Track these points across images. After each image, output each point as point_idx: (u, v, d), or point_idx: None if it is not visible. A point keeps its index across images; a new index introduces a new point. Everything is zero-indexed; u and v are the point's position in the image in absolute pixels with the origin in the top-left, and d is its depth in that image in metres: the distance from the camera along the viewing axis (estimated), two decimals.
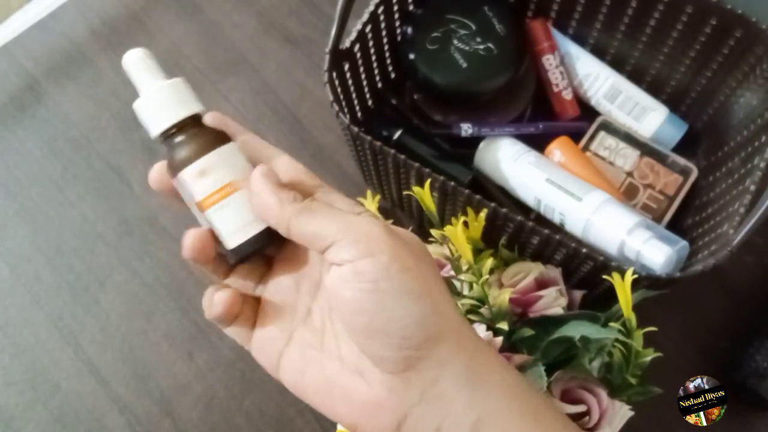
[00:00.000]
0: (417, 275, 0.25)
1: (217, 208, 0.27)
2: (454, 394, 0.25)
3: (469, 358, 0.25)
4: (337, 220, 0.25)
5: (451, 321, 0.25)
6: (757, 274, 0.56)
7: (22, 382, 0.54)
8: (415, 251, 0.26)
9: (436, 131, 0.55)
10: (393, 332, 0.24)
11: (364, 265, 0.24)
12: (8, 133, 0.63)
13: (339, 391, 0.26)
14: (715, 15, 0.50)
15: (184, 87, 0.28)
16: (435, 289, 0.25)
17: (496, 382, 0.25)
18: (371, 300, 0.24)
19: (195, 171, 0.27)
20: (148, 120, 0.28)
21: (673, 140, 0.57)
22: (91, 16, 0.68)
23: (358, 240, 0.24)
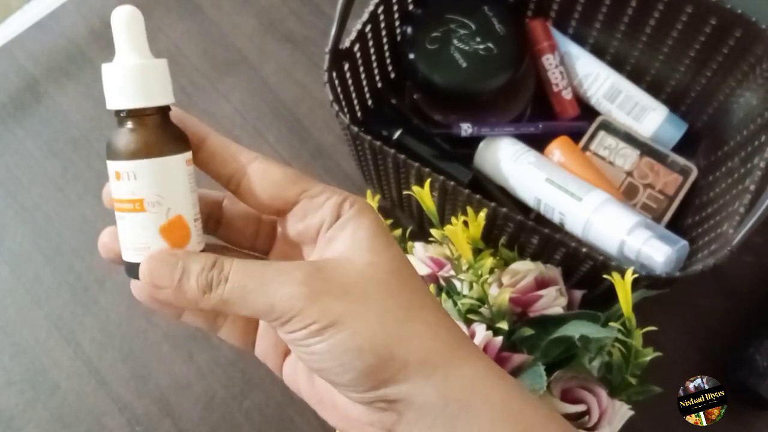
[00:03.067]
0: (355, 329, 0.23)
1: (119, 216, 0.25)
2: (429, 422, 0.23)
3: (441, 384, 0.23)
4: (257, 308, 0.23)
5: (409, 355, 0.23)
6: (756, 274, 0.56)
7: (22, 381, 0.54)
8: (354, 295, 0.24)
9: (436, 131, 0.55)
10: (342, 383, 0.24)
11: (296, 337, 0.23)
12: (8, 133, 0.63)
13: (328, 403, 0.26)
14: (714, 15, 0.50)
15: (161, 72, 0.25)
16: (379, 334, 0.23)
17: (479, 404, 0.24)
18: (312, 360, 0.24)
19: (114, 169, 0.24)
20: (107, 89, 0.24)
21: (672, 140, 0.57)
22: (91, 16, 0.68)
23: (286, 320, 0.23)
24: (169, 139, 0.25)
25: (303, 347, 0.24)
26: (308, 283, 0.24)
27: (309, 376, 0.27)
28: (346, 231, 0.25)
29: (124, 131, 0.24)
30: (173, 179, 0.24)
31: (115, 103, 0.24)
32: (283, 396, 0.53)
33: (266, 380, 0.53)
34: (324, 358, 0.23)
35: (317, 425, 0.52)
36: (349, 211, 0.25)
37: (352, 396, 0.24)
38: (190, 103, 0.64)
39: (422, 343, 0.24)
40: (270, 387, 0.53)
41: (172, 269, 0.24)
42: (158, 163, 0.24)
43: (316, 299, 0.23)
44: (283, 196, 0.26)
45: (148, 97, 0.24)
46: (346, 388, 0.24)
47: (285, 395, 0.53)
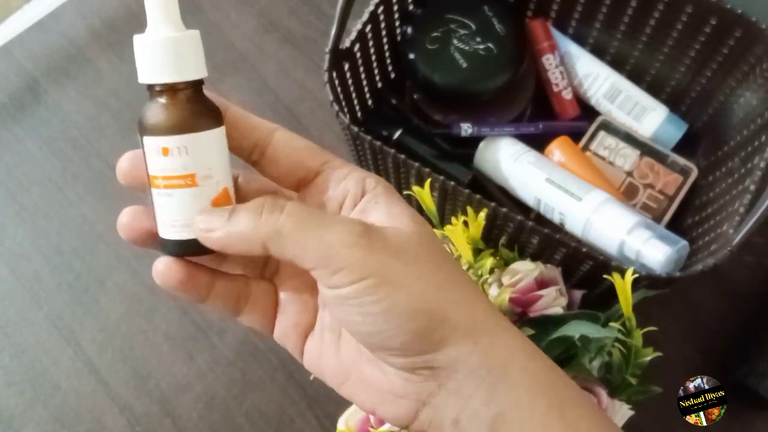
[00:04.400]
0: (409, 289, 0.23)
1: (165, 194, 0.24)
2: (471, 390, 0.23)
3: (485, 351, 0.23)
4: (311, 247, 0.23)
5: (456, 320, 0.23)
6: (757, 274, 0.56)
7: (22, 381, 0.54)
8: (409, 256, 0.24)
9: (436, 131, 0.55)
10: (392, 347, 0.23)
11: (349, 291, 0.23)
12: (8, 133, 0.63)
13: (356, 377, 0.26)
14: (714, 15, 0.50)
15: (196, 45, 0.24)
16: (432, 296, 0.23)
17: (518, 374, 0.24)
18: (363, 323, 0.23)
19: (160, 145, 0.23)
20: (140, 62, 0.24)
21: (672, 140, 0.57)
22: (91, 16, 0.68)
23: (337, 269, 0.23)
24: (213, 111, 0.24)
25: (354, 306, 0.23)
26: (366, 235, 0.23)
27: (337, 351, 0.26)
28: (380, 205, 0.25)
29: (166, 104, 0.24)
30: (219, 151, 0.24)
31: (150, 75, 0.24)
32: (283, 396, 0.53)
33: (266, 380, 0.53)
34: (377, 320, 0.23)
35: (317, 425, 0.52)
36: (376, 188, 0.25)
37: (397, 362, 0.24)
38: None
39: (470, 310, 0.24)
40: (270, 387, 0.53)
41: (223, 211, 0.24)
42: (209, 135, 0.24)
43: (374, 253, 0.23)
44: (306, 164, 0.26)
45: (199, 68, 0.24)
46: (394, 353, 0.23)
47: (285, 395, 0.53)
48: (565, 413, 0.24)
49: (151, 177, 0.24)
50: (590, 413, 0.25)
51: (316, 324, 0.27)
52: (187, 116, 0.23)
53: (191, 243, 0.24)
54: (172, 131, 0.23)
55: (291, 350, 0.28)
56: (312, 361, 0.27)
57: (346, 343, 0.26)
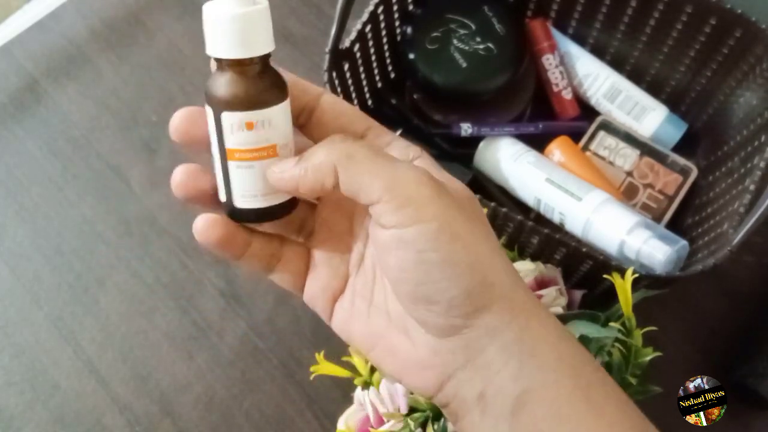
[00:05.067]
0: (467, 243, 0.22)
1: (245, 165, 0.24)
2: (500, 364, 0.23)
3: (520, 327, 0.23)
4: (382, 176, 0.22)
5: (502, 289, 0.23)
6: (756, 274, 0.56)
7: (21, 382, 0.54)
8: (467, 213, 0.23)
9: (436, 131, 0.55)
10: (439, 301, 0.23)
11: (410, 233, 0.22)
12: (8, 133, 0.63)
13: (384, 345, 0.26)
14: (714, 15, 0.50)
15: (267, 19, 0.25)
16: (486, 257, 0.23)
17: (548, 354, 0.23)
18: (416, 270, 0.23)
19: (242, 120, 0.24)
20: (211, 37, 0.25)
21: (672, 140, 0.57)
22: (91, 16, 0.68)
23: (404, 204, 0.22)
24: (283, 82, 0.25)
25: (411, 251, 0.22)
26: (433, 182, 0.23)
27: (367, 318, 0.26)
28: (431, 170, 0.25)
29: (241, 80, 0.24)
30: (290, 121, 0.25)
31: (223, 50, 0.24)
32: (283, 396, 0.53)
33: (266, 380, 0.53)
34: (432, 269, 0.22)
35: (317, 425, 0.52)
36: (422, 155, 0.25)
37: (437, 322, 0.23)
38: (191, 102, 0.63)
39: (513, 282, 0.24)
40: (270, 387, 0.53)
41: (293, 159, 0.24)
42: (285, 107, 0.24)
43: (441, 196, 0.23)
44: (351, 127, 0.26)
45: (259, 45, 0.24)
46: (437, 309, 0.23)
47: (285, 395, 0.53)
48: (591, 395, 0.23)
49: (228, 150, 0.24)
50: (615, 397, 0.24)
51: (347, 290, 0.27)
52: (267, 89, 0.24)
53: (269, 210, 0.25)
54: (255, 106, 0.24)
55: (320, 312, 0.28)
56: (341, 324, 0.27)
57: (376, 311, 0.26)
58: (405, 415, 0.42)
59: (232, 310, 0.56)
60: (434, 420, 0.42)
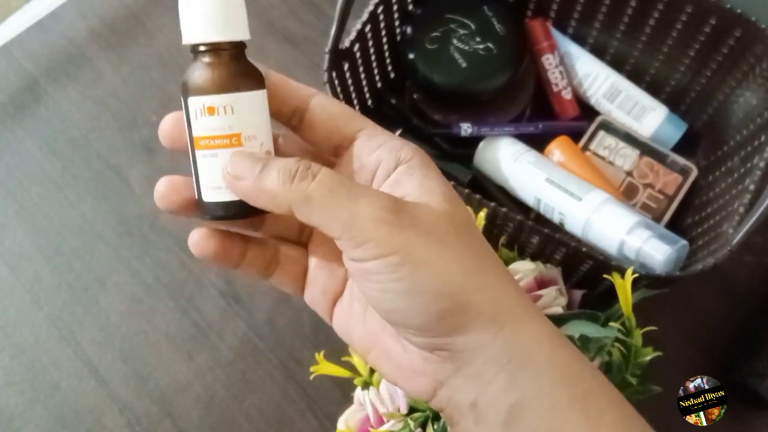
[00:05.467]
0: (435, 270, 0.22)
1: (209, 154, 0.24)
2: (490, 375, 0.23)
3: (509, 338, 0.23)
4: (338, 217, 0.22)
5: (483, 305, 0.23)
6: (756, 274, 0.56)
7: (21, 382, 0.54)
8: (436, 236, 0.23)
9: (436, 131, 0.55)
10: (411, 326, 0.23)
11: (371, 266, 0.22)
12: (8, 133, 0.63)
13: (380, 350, 0.26)
14: (714, 14, 0.50)
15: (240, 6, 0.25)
16: (458, 279, 0.23)
17: (542, 363, 0.23)
18: (384, 299, 0.23)
19: (205, 104, 0.23)
20: (184, 23, 0.24)
21: (672, 140, 0.57)
22: (91, 16, 0.68)
23: (363, 242, 0.22)
24: (256, 73, 0.24)
25: (376, 283, 0.23)
26: (395, 211, 0.23)
27: (363, 321, 0.26)
28: (415, 177, 0.25)
29: (210, 63, 0.24)
30: (262, 114, 0.24)
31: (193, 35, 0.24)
32: (283, 396, 0.53)
33: (266, 380, 0.53)
34: (398, 297, 0.23)
35: (317, 425, 0.52)
36: (412, 159, 0.25)
37: (416, 341, 0.24)
38: None
39: (495, 296, 0.23)
40: (270, 387, 0.53)
41: (254, 161, 0.24)
42: (254, 97, 0.24)
43: (400, 230, 0.22)
44: (341, 131, 0.26)
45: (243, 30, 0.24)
46: (414, 332, 0.23)
47: (285, 395, 0.53)
48: (588, 405, 0.23)
49: (194, 139, 0.24)
50: (615, 406, 0.24)
51: (345, 292, 0.27)
52: (233, 75, 0.24)
53: (234, 204, 0.24)
54: (218, 90, 0.23)
55: (321, 314, 0.28)
56: (340, 326, 0.27)
57: (371, 315, 0.26)
58: (405, 415, 0.42)
59: (232, 310, 0.56)
60: (434, 420, 0.42)
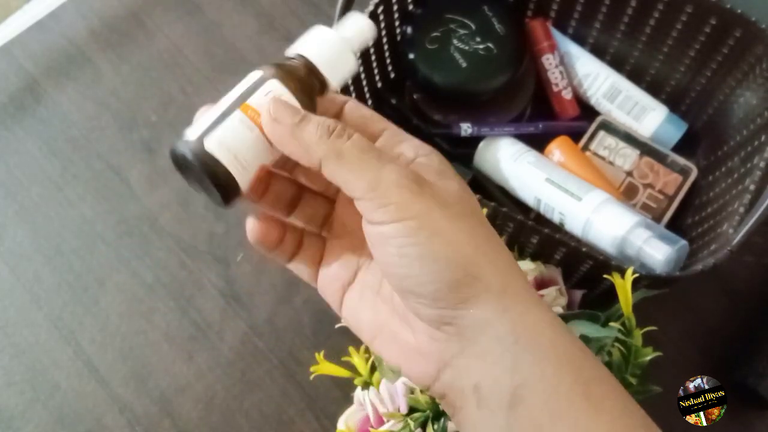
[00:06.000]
0: (449, 239, 0.24)
1: (246, 122, 0.25)
2: (495, 356, 0.23)
3: (515, 319, 0.24)
4: (365, 176, 0.24)
5: (492, 281, 0.24)
6: (756, 274, 0.56)
7: (22, 382, 0.54)
8: (454, 211, 0.24)
9: (436, 131, 0.55)
10: (423, 294, 0.24)
11: (390, 229, 0.24)
12: (8, 133, 0.63)
13: (387, 334, 0.27)
14: (714, 15, 0.50)
15: (352, 61, 0.29)
16: (470, 252, 0.24)
17: (546, 348, 0.24)
18: (399, 264, 0.24)
19: (278, 94, 0.26)
20: (313, 44, 0.28)
21: (672, 140, 0.57)
22: (91, 16, 0.68)
23: (384, 204, 0.24)
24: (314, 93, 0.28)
25: (393, 247, 0.24)
26: (418, 181, 0.24)
27: (373, 307, 0.28)
28: (433, 168, 0.26)
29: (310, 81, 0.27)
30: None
31: (332, 71, 0.28)
32: (283, 396, 0.53)
33: (266, 380, 0.53)
34: (413, 263, 0.24)
35: (317, 425, 0.52)
36: (430, 154, 0.26)
37: (426, 313, 0.24)
38: (190, 103, 0.64)
39: (504, 276, 0.24)
40: (270, 387, 0.53)
41: (295, 111, 0.26)
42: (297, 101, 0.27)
43: (421, 198, 0.24)
44: (369, 129, 0.27)
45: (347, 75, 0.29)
46: (425, 302, 0.24)
47: (285, 396, 0.53)
48: (591, 391, 0.23)
49: (245, 104, 0.26)
50: (616, 394, 0.24)
51: (356, 281, 0.29)
52: (312, 95, 0.27)
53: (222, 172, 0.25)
54: (296, 95, 0.26)
55: (330, 301, 0.29)
56: (350, 313, 0.29)
57: (382, 301, 0.28)
58: (405, 415, 0.42)
59: (232, 310, 0.56)
60: (434, 420, 0.42)
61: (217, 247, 0.58)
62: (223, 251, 0.58)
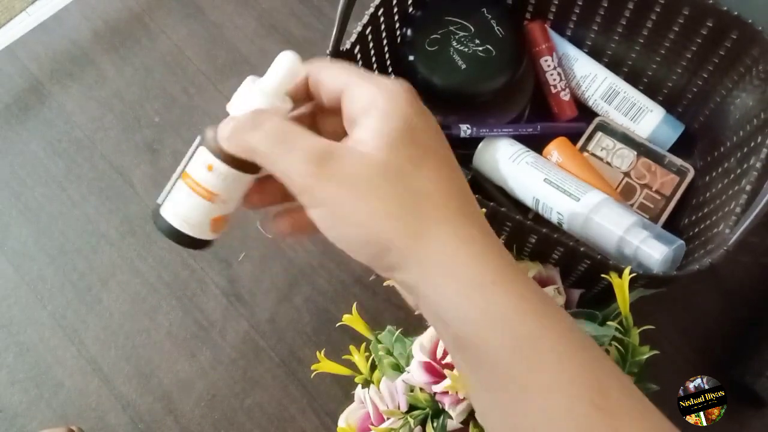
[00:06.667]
0: (357, 221, 0.25)
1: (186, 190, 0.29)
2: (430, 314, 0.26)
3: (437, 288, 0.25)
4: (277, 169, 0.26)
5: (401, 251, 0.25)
6: (752, 274, 0.56)
7: (26, 380, 0.54)
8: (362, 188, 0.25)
9: None
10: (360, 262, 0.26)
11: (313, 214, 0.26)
12: (12, 134, 0.64)
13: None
14: (711, 17, 0.50)
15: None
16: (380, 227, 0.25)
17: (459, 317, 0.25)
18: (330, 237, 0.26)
19: (210, 162, 0.28)
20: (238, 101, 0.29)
21: (669, 141, 0.58)
22: (94, 18, 0.69)
23: (298, 192, 0.26)
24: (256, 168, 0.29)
25: (319, 228, 0.26)
26: (320, 163, 0.25)
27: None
28: (371, 118, 0.26)
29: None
30: (243, 189, 0.30)
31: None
32: (285, 394, 0.53)
33: (267, 378, 0.54)
34: (338, 243, 0.26)
35: (318, 423, 0.52)
36: (377, 103, 0.26)
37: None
38: (193, 104, 0.64)
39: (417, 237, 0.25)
40: (271, 385, 0.54)
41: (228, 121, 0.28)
42: (246, 178, 0.29)
43: (324, 183, 0.25)
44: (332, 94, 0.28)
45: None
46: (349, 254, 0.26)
47: (286, 393, 0.53)
48: (486, 286, 0.25)
49: (185, 172, 0.29)
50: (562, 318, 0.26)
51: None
52: (241, 162, 0.28)
53: (178, 233, 0.29)
54: (225, 160, 0.28)
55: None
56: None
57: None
58: (405, 413, 0.43)
59: (234, 308, 0.56)
60: (434, 417, 0.42)
61: (219, 247, 0.59)
62: (225, 251, 0.58)
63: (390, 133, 0.26)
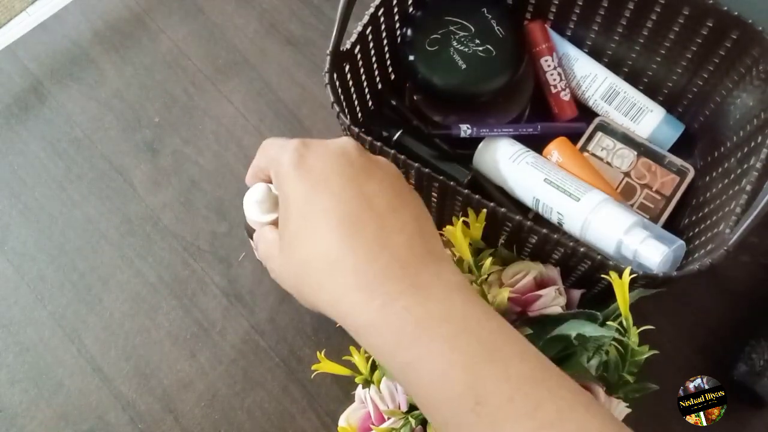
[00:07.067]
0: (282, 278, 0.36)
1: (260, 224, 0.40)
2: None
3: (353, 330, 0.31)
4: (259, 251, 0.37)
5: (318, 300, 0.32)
6: (753, 274, 0.56)
7: (25, 380, 0.54)
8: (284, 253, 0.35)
9: (436, 132, 0.56)
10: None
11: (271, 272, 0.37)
12: (12, 134, 0.64)
13: None
14: (711, 17, 0.50)
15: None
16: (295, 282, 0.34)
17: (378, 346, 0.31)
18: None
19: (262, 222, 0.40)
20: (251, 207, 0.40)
21: (670, 141, 0.58)
22: (94, 18, 0.69)
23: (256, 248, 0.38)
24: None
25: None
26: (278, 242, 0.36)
27: None
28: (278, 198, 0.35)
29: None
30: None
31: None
32: (285, 394, 0.53)
33: (268, 378, 0.54)
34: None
35: (318, 423, 0.52)
36: (276, 181, 0.35)
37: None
38: (193, 104, 0.64)
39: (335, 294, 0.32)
40: (271, 385, 0.54)
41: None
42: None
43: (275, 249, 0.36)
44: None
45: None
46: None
47: (286, 393, 0.53)
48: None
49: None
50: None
51: None
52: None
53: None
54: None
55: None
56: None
57: None
58: (405, 413, 0.43)
59: (234, 308, 0.56)
60: None
61: (220, 247, 0.59)
62: (226, 251, 0.58)
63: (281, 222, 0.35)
